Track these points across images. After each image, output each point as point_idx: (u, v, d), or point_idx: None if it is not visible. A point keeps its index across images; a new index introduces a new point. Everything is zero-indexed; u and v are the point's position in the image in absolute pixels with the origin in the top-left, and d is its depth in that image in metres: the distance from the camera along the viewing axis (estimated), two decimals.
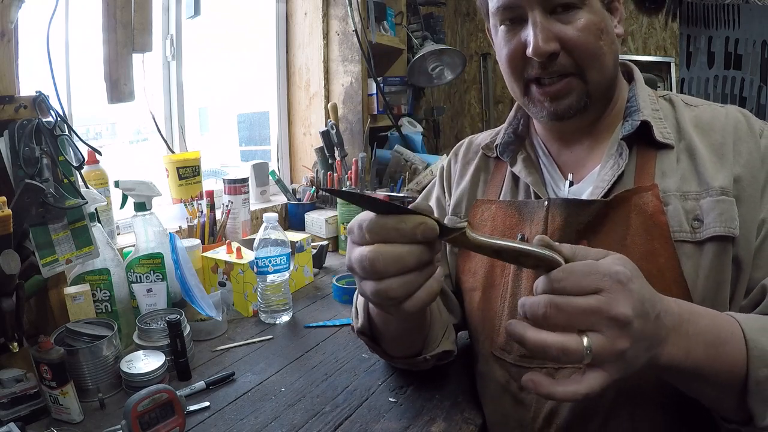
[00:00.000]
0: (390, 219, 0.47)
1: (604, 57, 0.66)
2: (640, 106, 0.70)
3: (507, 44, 0.69)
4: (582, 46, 0.65)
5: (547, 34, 0.64)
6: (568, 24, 0.64)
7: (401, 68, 2.19)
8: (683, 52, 2.93)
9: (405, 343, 0.74)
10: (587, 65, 0.66)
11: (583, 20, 0.64)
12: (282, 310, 1.10)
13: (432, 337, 0.75)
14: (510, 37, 0.69)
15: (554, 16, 0.65)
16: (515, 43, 0.68)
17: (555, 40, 0.64)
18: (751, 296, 0.62)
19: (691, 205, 0.63)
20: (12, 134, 0.82)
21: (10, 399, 0.72)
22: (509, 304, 0.72)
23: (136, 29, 1.04)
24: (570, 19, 0.64)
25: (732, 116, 0.68)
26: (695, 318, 0.52)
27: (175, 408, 0.70)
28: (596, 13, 0.65)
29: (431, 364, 0.77)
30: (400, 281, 0.48)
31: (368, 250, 0.47)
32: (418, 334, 0.72)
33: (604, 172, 0.69)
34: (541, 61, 0.66)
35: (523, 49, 0.66)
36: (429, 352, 0.74)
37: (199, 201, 1.33)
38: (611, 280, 0.45)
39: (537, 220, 0.71)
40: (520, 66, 0.69)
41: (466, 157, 0.88)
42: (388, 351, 0.75)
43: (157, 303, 0.98)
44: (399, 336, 0.72)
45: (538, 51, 0.64)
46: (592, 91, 0.68)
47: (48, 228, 0.85)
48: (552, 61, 0.66)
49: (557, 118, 0.69)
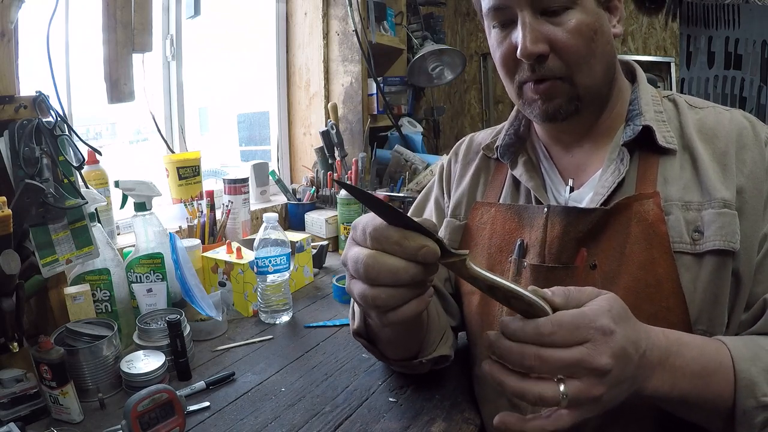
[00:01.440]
0: (395, 232, 0.47)
1: (594, 59, 0.64)
2: (642, 109, 0.68)
3: (499, 46, 0.68)
4: (572, 48, 0.63)
5: (535, 35, 0.62)
6: (558, 25, 0.62)
7: (401, 68, 2.19)
8: (683, 52, 2.93)
9: (401, 346, 0.74)
10: (576, 68, 0.64)
11: (574, 21, 0.62)
12: (282, 310, 1.10)
13: (429, 341, 0.75)
14: (502, 38, 0.67)
15: (545, 17, 0.63)
16: (506, 45, 0.67)
17: (544, 42, 0.62)
18: (752, 311, 0.61)
19: (693, 216, 0.62)
20: (12, 134, 0.82)
21: (10, 399, 0.72)
22: (507, 309, 0.72)
23: (136, 29, 1.04)
24: (561, 20, 0.62)
25: (736, 122, 0.66)
26: (683, 350, 0.53)
27: (175, 408, 0.70)
28: (589, 13, 0.63)
29: (427, 368, 0.77)
30: (389, 293, 0.48)
31: (366, 255, 0.48)
32: (414, 337, 0.72)
33: (604, 178, 0.67)
34: (530, 63, 0.64)
35: (514, 51, 0.64)
36: (425, 356, 0.74)
37: (199, 201, 1.33)
38: (597, 332, 0.46)
39: (536, 227, 0.70)
40: (512, 68, 0.68)
41: (467, 157, 0.87)
42: (385, 353, 0.75)
43: (157, 303, 0.98)
44: (394, 339, 0.72)
45: (526, 52, 0.62)
46: (582, 94, 0.66)
47: (48, 228, 0.85)
48: (541, 63, 0.64)
49: (549, 118, 0.68)
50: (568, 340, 0.46)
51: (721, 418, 0.55)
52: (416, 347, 0.74)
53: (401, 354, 0.75)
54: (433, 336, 0.75)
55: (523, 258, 0.71)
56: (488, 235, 0.76)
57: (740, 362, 0.53)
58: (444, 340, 0.77)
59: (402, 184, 1.82)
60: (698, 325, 0.61)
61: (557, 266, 0.67)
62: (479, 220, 0.79)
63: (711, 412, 0.55)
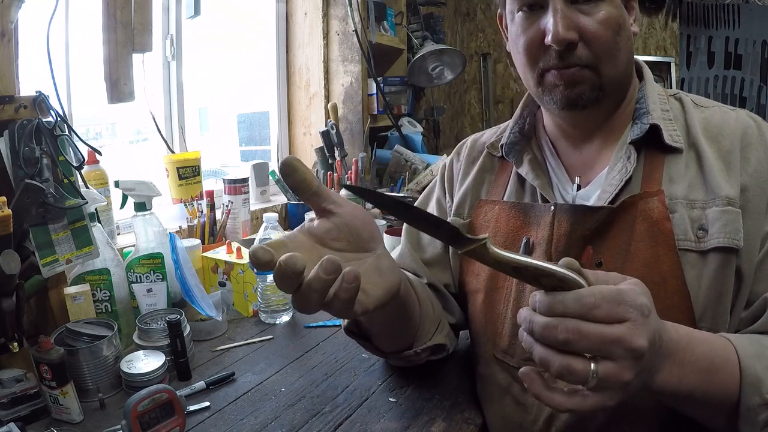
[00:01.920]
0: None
1: (620, 52, 0.65)
2: (649, 108, 0.68)
3: (525, 32, 0.67)
4: (601, 39, 0.63)
5: (567, 23, 0.62)
6: (589, 15, 0.63)
7: (401, 68, 2.19)
8: (683, 52, 2.93)
9: (394, 338, 0.73)
10: (603, 59, 0.65)
11: (604, 13, 0.63)
12: (282, 310, 1.10)
13: (423, 331, 0.74)
14: (528, 24, 0.66)
15: (575, 6, 0.63)
16: (533, 31, 0.66)
17: (575, 30, 0.63)
18: (752, 309, 0.62)
19: (697, 214, 0.63)
20: (12, 134, 0.82)
21: (10, 399, 0.72)
22: (512, 307, 0.72)
23: (136, 29, 1.04)
24: (591, 10, 0.63)
25: (742, 121, 0.67)
26: (692, 345, 0.52)
27: (175, 408, 0.70)
28: (617, 7, 0.64)
29: (423, 358, 0.76)
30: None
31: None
32: (406, 328, 0.71)
33: (612, 176, 0.67)
34: (558, 50, 0.64)
35: (542, 37, 0.64)
36: (420, 346, 0.73)
37: (199, 201, 1.33)
38: (637, 312, 0.45)
39: (543, 225, 0.70)
40: (537, 55, 0.67)
41: (470, 157, 0.86)
42: (379, 347, 0.74)
43: (157, 303, 0.98)
44: (386, 331, 0.71)
45: (558, 38, 0.62)
46: (605, 84, 0.66)
47: (48, 228, 0.85)
48: (570, 51, 0.64)
49: (569, 104, 0.67)
50: (611, 316, 0.44)
51: (725, 415, 0.54)
52: (410, 337, 0.73)
53: (395, 346, 0.74)
54: (428, 326, 0.74)
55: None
56: (492, 232, 0.76)
57: (746, 359, 0.53)
58: (439, 330, 0.77)
59: (402, 184, 1.82)
60: (702, 322, 0.61)
61: None
62: (483, 218, 0.79)
63: (715, 409, 0.54)
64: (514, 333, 0.71)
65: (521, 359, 0.71)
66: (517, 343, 0.71)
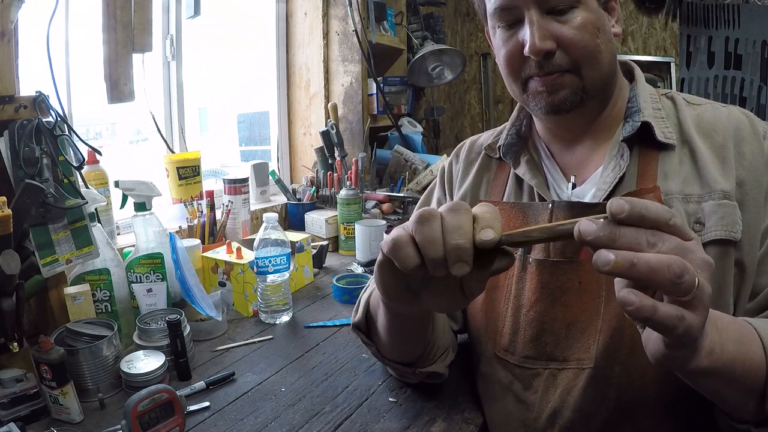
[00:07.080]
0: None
1: (600, 54, 0.67)
2: (641, 106, 0.70)
3: (505, 45, 0.70)
4: (578, 44, 0.65)
5: (543, 33, 0.65)
6: (564, 23, 0.65)
7: (401, 68, 2.19)
8: (683, 52, 2.93)
9: (396, 349, 0.74)
10: (583, 62, 0.66)
11: (579, 19, 0.65)
12: (282, 310, 1.10)
13: (429, 355, 0.75)
14: (507, 37, 0.69)
15: (550, 16, 0.66)
16: (513, 44, 0.69)
17: (551, 39, 0.65)
18: (757, 300, 0.62)
19: (693, 208, 0.64)
20: (12, 134, 0.82)
21: (10, 399, 0.72)
22: (513, 306, 0.72)
23: (136, 29, 1.04)
24: (566, 18, 0.65)
25: (734, 117, 0.68)
26: (719, 314, 0.50)
27: (175, 408, 0.70)
28: (592, 11, 0.66)
29: (418, 379, 0.78)
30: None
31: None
32: (417, 344, 0.73)
33: (606, 174, 0.69)
34: (537, 60, 0.66)
35: (521, 48, 0.67)
36: (420, 368, 0.75)
37: (199, 201, 1.33)
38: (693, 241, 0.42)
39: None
40: (518, 66, 0.70)
41: (468, 158, 0.88)
42: (381, 351, 0.76)
43: (157, 303, 0.98)
44: (392, 340, 0.72)
45: (535, 49, 0.65)
46: (588, 87, 0.68)
47: (48, 228, 0.85)
48: (548, 59, 0.66)
49: (553, 110, 0.69)
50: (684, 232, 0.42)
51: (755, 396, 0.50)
52: (415, 354, 0.74)
53: (397, 356, 0.75)
54: (434, 351, 0.76)
55: (528, 254, 0.72)
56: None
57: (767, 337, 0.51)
58: (442, 358, 0.78)
59: (402, 184, 1.82)
60: None
61: (562, 260, 0.68)
62: None
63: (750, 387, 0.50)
64: (514, 331, 0.72)
65: (521, 357, 0.71)
66: (518, 341, 0.71)
